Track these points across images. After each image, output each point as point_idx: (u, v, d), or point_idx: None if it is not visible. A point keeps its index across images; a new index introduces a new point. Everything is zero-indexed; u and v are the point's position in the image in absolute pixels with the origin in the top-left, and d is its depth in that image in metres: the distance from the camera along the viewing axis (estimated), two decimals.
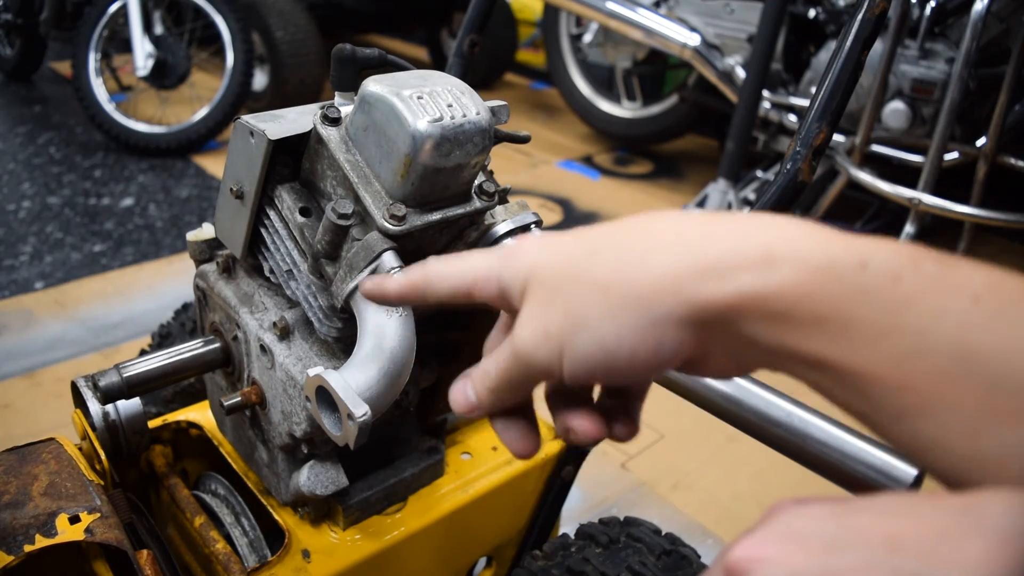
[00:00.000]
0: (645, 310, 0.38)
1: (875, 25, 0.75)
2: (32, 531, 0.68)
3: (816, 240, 0.36)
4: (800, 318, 0.35)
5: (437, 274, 0.48)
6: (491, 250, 0.46)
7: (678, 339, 0.38)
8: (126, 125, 3.47)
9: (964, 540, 0.27)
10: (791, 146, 0.76)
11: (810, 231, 0.36)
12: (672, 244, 0.38)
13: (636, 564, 0.86)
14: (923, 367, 0.32)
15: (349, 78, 0.73)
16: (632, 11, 2.95)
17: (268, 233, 0.76)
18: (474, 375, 0.46)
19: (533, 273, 0.42)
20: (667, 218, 0.41)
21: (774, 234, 0.36)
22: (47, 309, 2.33)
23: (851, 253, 0.34)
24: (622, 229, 0.41)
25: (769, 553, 0.30)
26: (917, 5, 2.50)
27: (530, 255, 0.43)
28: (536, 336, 0.41)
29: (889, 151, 2.62)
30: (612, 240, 0.41)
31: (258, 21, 3.67)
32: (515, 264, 0.43)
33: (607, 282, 0.39)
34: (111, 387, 0.79)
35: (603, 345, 0.39)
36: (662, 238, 0.39)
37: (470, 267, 0.46)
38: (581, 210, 3.22)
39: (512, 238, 0.46)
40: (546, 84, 4.95)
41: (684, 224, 0.39)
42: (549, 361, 0.41)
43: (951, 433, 0.32)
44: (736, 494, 1.76)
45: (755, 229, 0.37)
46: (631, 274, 0.38)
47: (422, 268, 0.49)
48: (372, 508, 0.88)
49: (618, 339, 0.38)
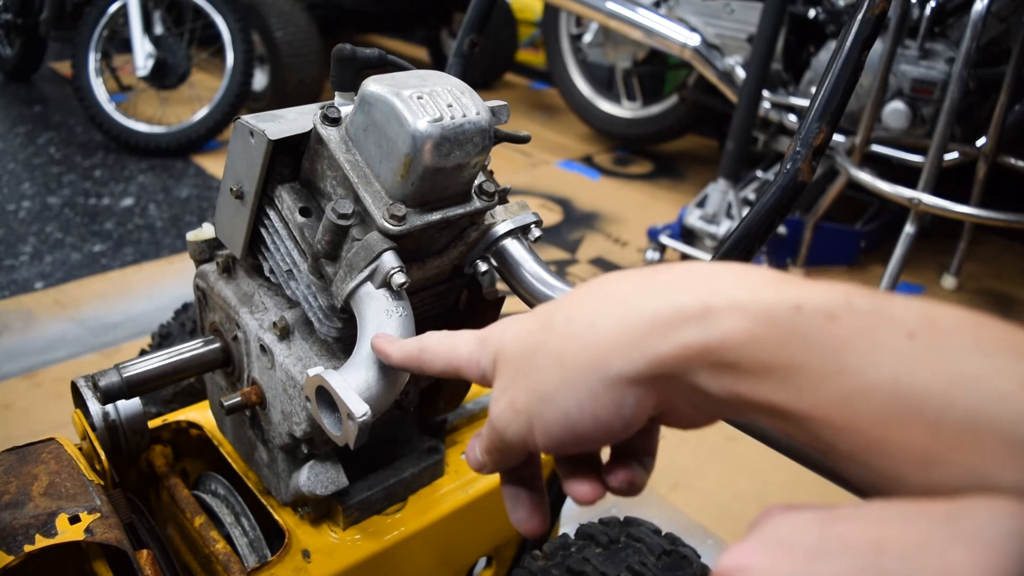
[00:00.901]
0: (598, 374, 0.39)
1: (875, 25, 0.75)
2: (32, 531, 0.68)
3: (751, 286, 0.36)
4: (745, 366, 0.35)
5: (431, 354, 0.53)
6: (474, 334, 0.50)
7: (635, 397, 0.39)
8: (126, 125, 3.47)
9: (948, 547, 0.28)
10: (791, 146, 0.76)
11: (745, 278, 0.37)
12: (616, 306, 0.40)
13: (636, 564, 0.86)
14: (866, 408, 0.32)
15: (349, 78, 0.73)
16: (632, 11, 2.95)
17: (268, 233, 0.76)
18: (479, 437, 0.50)
19: (500, 353, 0.46)
20: (610, 281, 0.43)
21: (712, 284, 0.37)
22: (47, 309, 2.33)
23: (785, 296, 0.35)
24: (573, 299, 0.43)
25: (755, 561, 0.30)
26: (917, 5, 2.50)
27: (498, 337, 0.47)
28: (506, 412, 0.44)
29: (889, 151, 2.62)
30: (564, 312, 0.43)
31: (258, 21, 3.67)
32: (488, 349, 0.47)
33: (561, 353, 0.41)
34: (111, 387, 0.80)
35: (567, 414, 0.41)
36: (607, 301, 0.41)
37: (456, 353, 0.50)
38: (581, 210, 3.22)
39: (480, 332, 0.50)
40: (546, 84, 4.95)
41: (625, 285, 0.41)
42: (521, 434, 0.43)
43: (903, 469, 0.32)
44: (736, 494, 1.76)
45: (692, 282, 0.38)
46: (582, 342, 0.40)
47: (420, 344, 0.54)
48: (372, 508, 0.89)
49: (579, 407, 0.40)
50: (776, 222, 0.76)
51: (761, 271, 0.38)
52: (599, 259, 2.84)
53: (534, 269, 0.73)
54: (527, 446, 0.44)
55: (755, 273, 0.38)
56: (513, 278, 0.74)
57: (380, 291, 0.65)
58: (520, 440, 0.44)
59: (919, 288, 2.76)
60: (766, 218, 0.76)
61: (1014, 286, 2.84)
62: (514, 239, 0.75)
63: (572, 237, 2.99)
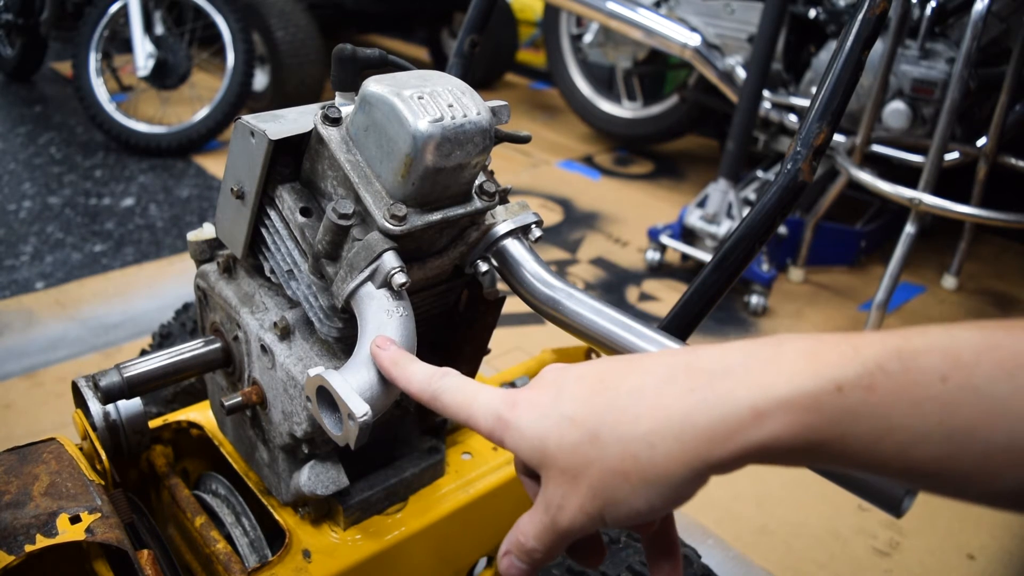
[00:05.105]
0: (666, 486, 0.42)
1: (876, 25, 0.75)
2: (33, 531, 0.68)
3: (790, 378, 0.39)
4: (799, 452, 0.39)
5: (444, 402, 0.54)
6: (492, 404, 0.50)
7: (699, 487, 0.43)
8: (127, 125, 3.47)
9: None
10: (791, 146, 0.76)
11: (782, 370, 0.40)
12: (667, 423, 0.42)
13: (636, 564, 0.86)
14: (920, 455, 0.37)
15: (350, 78, 0.73)
16: (632, 11, 2.95)
17: (269, 233, 0.76)
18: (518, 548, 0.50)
19: (544, 459, 0.47)
20: (649, 388, 0.44)
21: (755, 391, 0.40)
22: (48, 309, 2.33)
23: (823, 378, 0.38)
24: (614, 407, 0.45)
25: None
26: (918, 5, 2.50)
27: (533, 437, 0.47)
28: (579, 517, 0.46)
29: (889, 151, 2.62)
30: (610, 427, 0.44)
31: (259, 21, 3.67)
32: (520, 442, 0.48)
33: (623, 470, 0.43)
34: (112, 387, 0.80)
35: (638, 512, 0.44)
36: (655, 416, 0.43)
37: (475, 421, 0.51)
38: (581, 210, 3.22)
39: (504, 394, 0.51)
40: (546, 84, 4.95)
41: (668, 396, 0.43)
42: (591, 525, 0.46)
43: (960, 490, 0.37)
44: (736, 494, 1.76)
45: (737, 390, 0.41)
46: (644, 463, 0.43)
47: (438, 384, 0.55)
48: (373, 508, 0.89)
49: (649, 507, 0.44)
50: (777, 222, 0.76)
51: (792, 350, 0.40)
52: (599, 259, 2.84)
53: (535, 269, 0.73)
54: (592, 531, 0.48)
55: (788, 358, 0.40)
56: (514, 278, 0.74)
57: (381, 291, 0.65)
58: (586, 530, 0.47)
59: (920, 288, 2.76)
60: (767, 218, 0.76)
61: (1014, 286, 2.84)
62: (515, 239, 0.75)
63: (573, 237, 2.99)
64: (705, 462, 0.41)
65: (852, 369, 0.38)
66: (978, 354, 0.35)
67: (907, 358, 0.37)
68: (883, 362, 0.37)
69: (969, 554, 1.65)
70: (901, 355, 0.37)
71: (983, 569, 1.62)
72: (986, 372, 0.35)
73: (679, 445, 0.41)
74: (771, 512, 1.71)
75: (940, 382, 0.36)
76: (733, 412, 0.40)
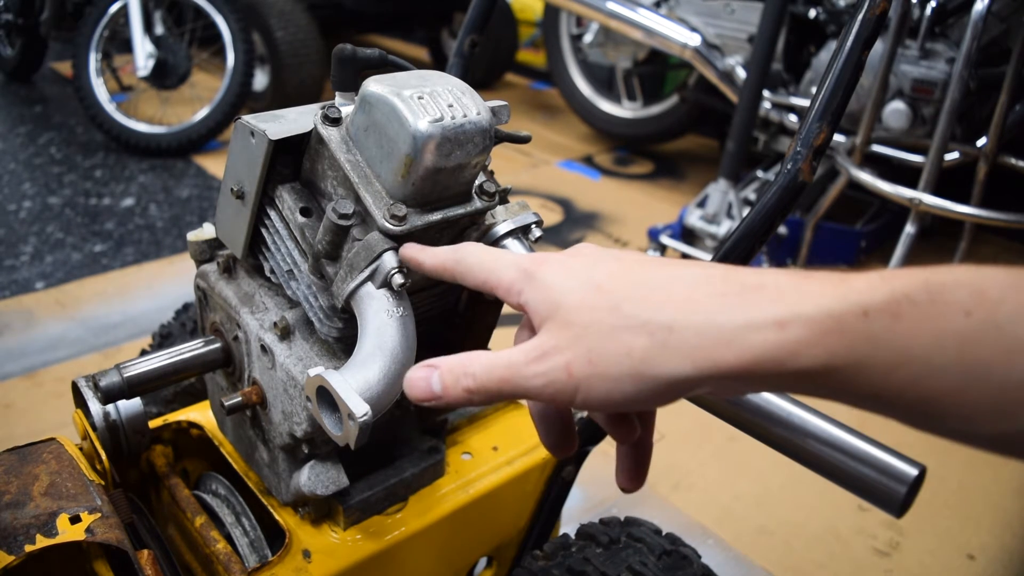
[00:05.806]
0: (662, 379, 0.41)
1: (876, 25, 0.75)
2: (33, 531, 0.68)
3: (819, 299, 0.39)
4: (811, 375, 0.39)
5: (467, 266, 0.52)
6: (516, 262, 0.49)
7: (691, 391, 0.42)
8: (127, 125, 3.47)
9: None
10: (791, 146, 0.76)
11: (812, 291, 0.39)
12: (692, 316, 0.41)
13: (637, 564, 0.86)
14: (936, 386, 0.36)
15: (350, 78, 0.73)
16: (632, 11, 2.95)
17: (269, 233, 0.76)
18: (448, 368, 0.47)
19: (558, 310, 0.45)
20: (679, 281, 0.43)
21: (780, 307, 0.39)
22: (48, 309, 2.33)
23: (851, 304, 0.38)
24: (640, 285, 0.44)
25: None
26: (918, 5, 2.49)
27: (555, 289, 0.46)
28: (558, 372, 0.44)
29: (889, 151, 2.62)
30: (633, 303, 0.43)
31: (259, 21, 3.67)
32: (539, 293, 0.47)
33: (630, 346, 0.42)
34: (112, 387, 0.80)
35: (623, 395, 0.42)
36: (680, 308, 0.42)
37: (495, 275, 0.50)
38: (581, 210, 3.22)
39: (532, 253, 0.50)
40: (546, 84, 4.95)
41: (698, 293, 0.42)
42: (558, 393, 0.44)
43: (973, 425, 0.37)
44: (736, 494, 1.76)
45: (764, 302, 0.40)
46: (654, 346, 0.41)
47: (457, 254, 0.54)
48: (373, 508, 0.89)
49: (637, 395, 0.42)
50: (777, 222, 0.76)
51: (823, 276, 0.40)
52: None
53: None
54: (552, 402, 0.46)
55: (818, 282, 0.40)
56: None
57: (381, 291, 0.65)
58: (550, 395, 0.44)
59: None
60: (767, 218, 0.76)
61: None
62: (515, 239, 0.75)
63: (573, 237, 2.99)
64: (714, 363, 0.40)
65: (880, 295, 0.37)
66: (1004, 292, 0.35)
67: (934, 290, 0.37)
68: (911, 291, 0.37)
69: (969, 554, 1.65)
70: (929, 286, 0.37)
71: (983, 569, 1.62)
72: (1010, 310, 0.35)
73: (695, 339, 0.40)
74: (771, 512, 1.71)
75: (964, 316, 0.35)
76: (756, 319, 0.39)
